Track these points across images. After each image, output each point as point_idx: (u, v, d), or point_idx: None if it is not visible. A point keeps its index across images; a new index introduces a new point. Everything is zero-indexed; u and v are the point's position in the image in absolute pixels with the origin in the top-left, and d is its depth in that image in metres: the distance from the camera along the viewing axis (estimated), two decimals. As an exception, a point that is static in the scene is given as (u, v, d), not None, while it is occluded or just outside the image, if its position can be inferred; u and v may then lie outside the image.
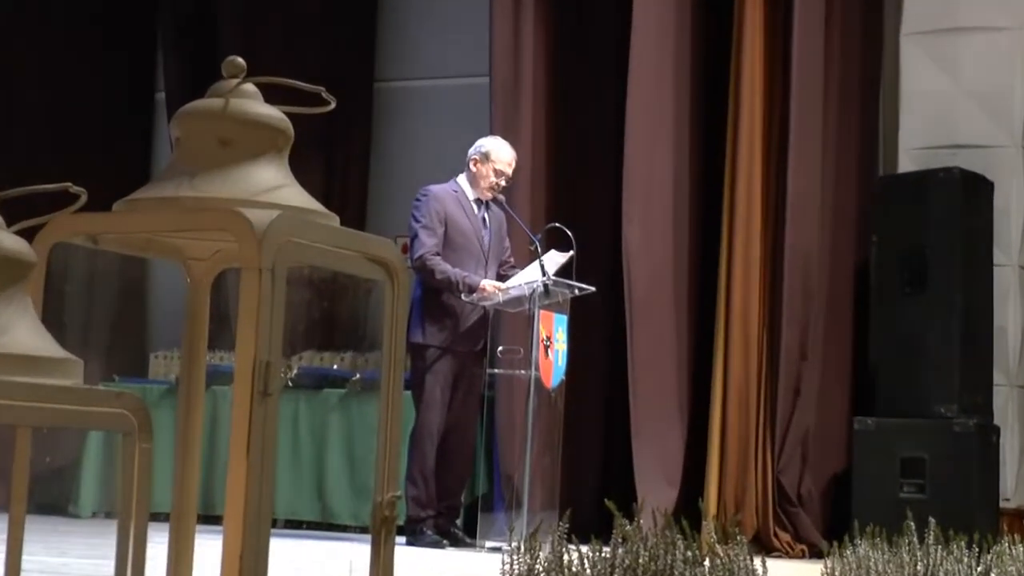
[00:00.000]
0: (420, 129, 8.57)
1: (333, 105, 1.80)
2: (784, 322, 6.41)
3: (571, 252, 5.64)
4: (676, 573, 2.69)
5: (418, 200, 5.82)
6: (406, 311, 1.84)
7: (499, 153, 5.87)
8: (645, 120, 6.60)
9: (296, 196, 1.71)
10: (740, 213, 6.50)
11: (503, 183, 5.86)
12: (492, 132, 6.48)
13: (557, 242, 5.87)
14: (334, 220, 1.76)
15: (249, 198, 1.65)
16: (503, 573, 2.75)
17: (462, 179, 5.90)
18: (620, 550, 2.79)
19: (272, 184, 1.68)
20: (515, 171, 5.99)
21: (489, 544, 5.67)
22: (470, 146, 5.95)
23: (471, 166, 5.86)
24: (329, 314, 7.78)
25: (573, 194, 7.04)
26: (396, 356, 1.80)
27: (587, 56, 7.20)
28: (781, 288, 6.46)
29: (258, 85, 1.78)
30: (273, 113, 1.76)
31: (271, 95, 1.81)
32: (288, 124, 1.77)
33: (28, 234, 1.68)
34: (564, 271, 5.68)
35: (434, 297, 5.72)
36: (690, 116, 6.70)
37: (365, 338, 7.74)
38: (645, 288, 6.51)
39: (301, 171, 1.85)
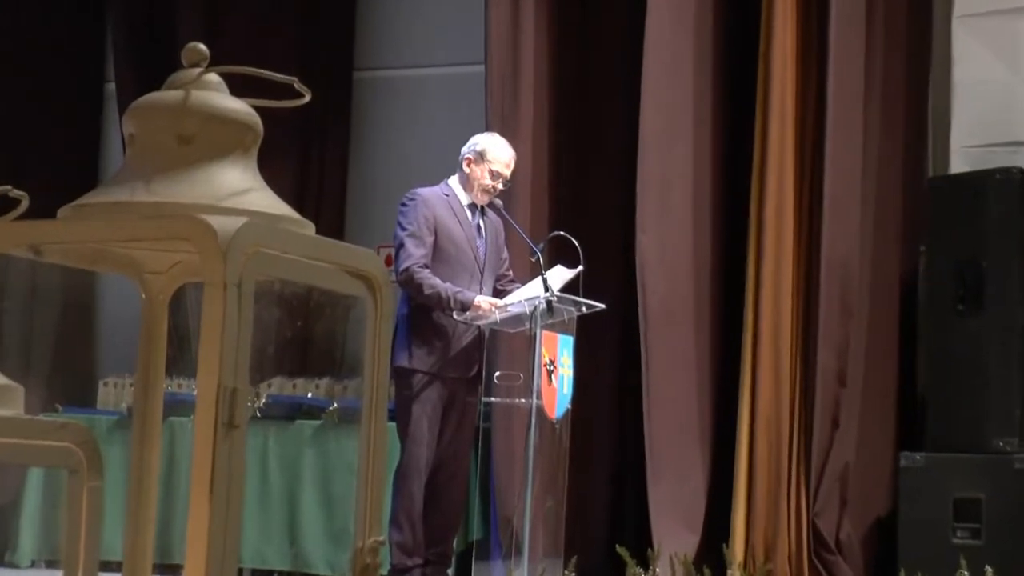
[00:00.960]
0: (406, 125, 8.59)
1: (308, 98, 1.81)
2: (820, 343, 6.42)
3: (579, 268, 5.64)
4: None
5: (404, 205, 5.83)
6: (390, 331, 1.84)
7: (496, 152, 5.87)
8: (661, 115, 6.61)
9: (266, 201, 1.71)
10: (769, 221, 6.52)
11: (500, 186, 5.87)
12: (488, 128, 6.49)
13: (561, 252, 5.88)
14: (309, 228, 1.76)
15: (213, 203, 1.65)
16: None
17: (454, 181, 5.91)
18: (634, 603, 2.79)
19: (239, 187, 1.69)
20: (514, 173, 6.00)
21: (485, 597, 5.66)
22: (463, 143, 5.96)
23: (464, 166, 5.87)
24: (303, 335, 7.78)
25: (580, 199, 7.05)
26: (379, 383, 1.81)
27: (595, 43, 7.22)
28: (817, 305, 6.47)
29: (222, 75, 1.79)
30: (239, 107, 1.77)
31: (237, 87, 1.82)
32: (256, 119, 1.78)
33: (-38, 244, 1.68)
34: (570, 286, 5.69)
35: (422, 316, 5.72)
36: (712, 111, 6.72)
37: (343, 362, 7.74)
38: (662, 305, 6.52)
39: (271, 172, 1.86)
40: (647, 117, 6.60)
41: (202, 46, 1.79)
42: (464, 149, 5.90)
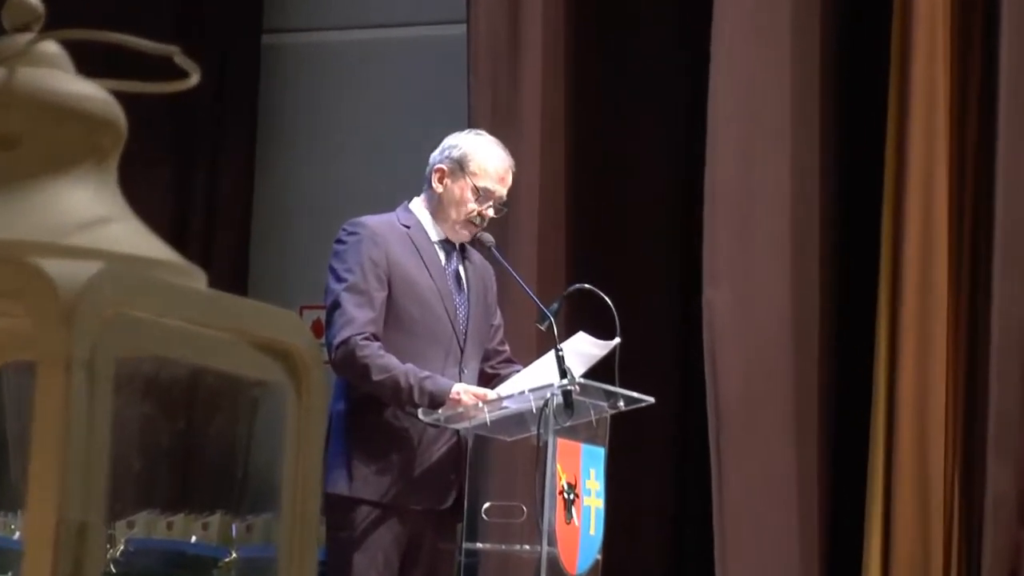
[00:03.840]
0: (344, 116, 8.62)
1: (196, 78, 1.83)
2: (990, 457, 6.41)
3: (615, 341, 5.64)
4: None
5: (342, 242, 5.83)
6: (321, 437, 1.85)
7: (483, 159, 5.88)
8: (742, 107, 6.64)
9: (132, 236, 1.73)
10: (910, 264, 6.52)
11: (491, 213, 5.88)
12: (471, 123, 6.51)
13: (585, 315, 5.88)
14: (197, 278, 1.78)
15: (50, 239, 1.67)
16: None
17: (418, 206, 5.92)
18: None
19: (90, 215, 1.71)
20: (513, 192, 6.02)
21: None
22: (433, 145, 5.97)
23: (434, 182, 5.87)
24: (185, 445, 7.76)
25: (614, 232, 7.07)
26: (303, 520, 1.82)
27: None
28: (985, 397, 6.47)
29: (65, 43, 1.81)
30: (92, 93, 1.79)
31: (89, 61, 1.84)
32: (117, 111, 1.79)
33: None
34: (600, 368, 5.69)
35: (369, 415, 5.72)
36: (820, 103, 6.74)
37: (247, 488, 7.72)
38: (743, 394, 6.51)
39: (139, 192, 1.88)
40: (719, 110, 6.62)
41: (34, 0, 1.81)
42: (434, 156, 5.91)
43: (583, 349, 5.68)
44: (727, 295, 6.58)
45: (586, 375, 5.61)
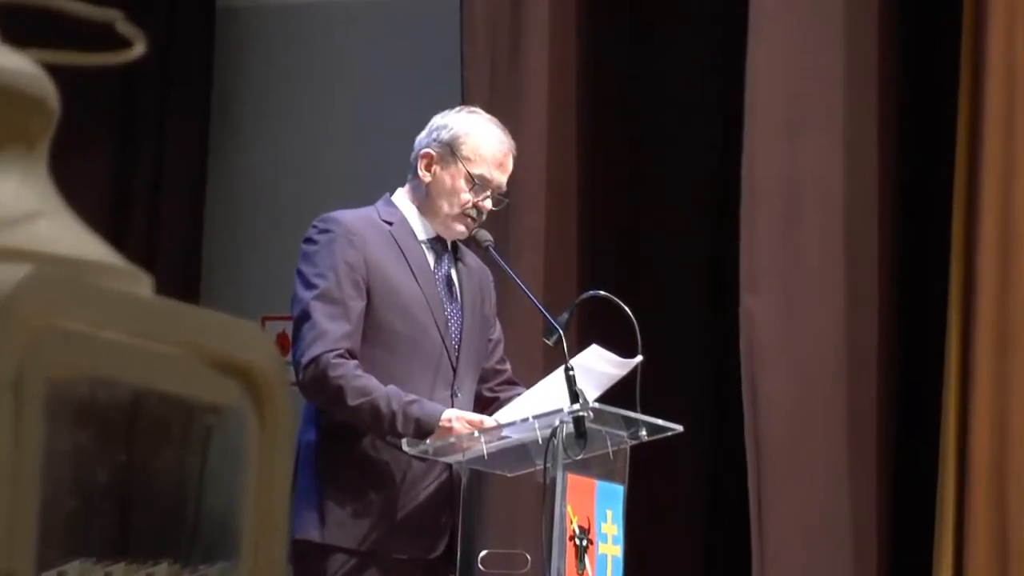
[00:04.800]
0: (314, 91, 8.63)
1: (142, 49, 1.84)
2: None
3: (637, 358, 5.64)
4: None
5: (312, 241, 5.84)
6: (287, 472, 1.86)
7: (478, 141, 5.88)
8: (785, 83, 6.64)
9: (66, 234, 1.74)
10: (986, 267, 6.52)
11: (489, 205, 5.88)
12: (465, 99, 6.51)
13: (600, 327, 5.89)
14: (140, 281, 1.78)
15: (-32, 238, 1.68)
16: None
17: (403, 199, 5.92)
18: None
19: (15, 209, 1.71)
20: (514, 181, 6.02)
21: None
22: (417, 124, 5.97)
23: (421, 170, 5.88)
24: (127, 481, 7.78)
25: (634, 229, 7.07)
26: (267, 569, 1.82)
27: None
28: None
29: (-12, 8, 1.82)
30: (18, 66, 1.80)
31: (16, 29, 1.85)
32: (49, 89, 1.81)
33: None
34: (619, 390, 5.70)
35: (344, 445, 5.73)
36: (878, 78, 6.74)
37: (200, 532, 7.73)
38: (787, 422, 6.52)
39: (74, 181, 1.88)
40: (759, 86, 6.63)
41: (-51, -44, 1.82)
42: (420, 139, 5.91)
43: (598, 367, 5.68)
44: (769, 304, 6.58)
45: (601, 399, 5.62)
